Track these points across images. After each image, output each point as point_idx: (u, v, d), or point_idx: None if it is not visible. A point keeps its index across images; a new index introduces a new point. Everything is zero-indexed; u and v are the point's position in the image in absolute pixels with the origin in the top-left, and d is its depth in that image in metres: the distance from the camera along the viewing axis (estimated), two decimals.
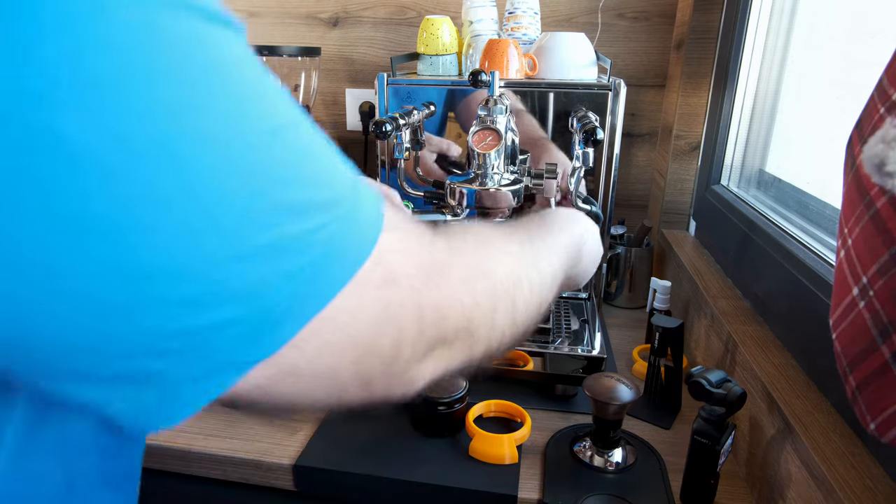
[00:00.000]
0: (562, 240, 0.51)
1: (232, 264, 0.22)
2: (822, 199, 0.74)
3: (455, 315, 0.32)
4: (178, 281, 0.21)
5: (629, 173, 1.25)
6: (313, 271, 0.24)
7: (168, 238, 0.21)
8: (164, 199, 0.20)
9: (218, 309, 0.22)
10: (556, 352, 0.79)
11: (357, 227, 0.27)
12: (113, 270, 0.20)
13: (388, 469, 0.65)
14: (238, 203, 0.22)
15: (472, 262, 0.34)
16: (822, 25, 0.82)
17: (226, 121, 0.22)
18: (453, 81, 0.95)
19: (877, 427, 0.35)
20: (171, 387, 0.23)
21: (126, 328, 0.21)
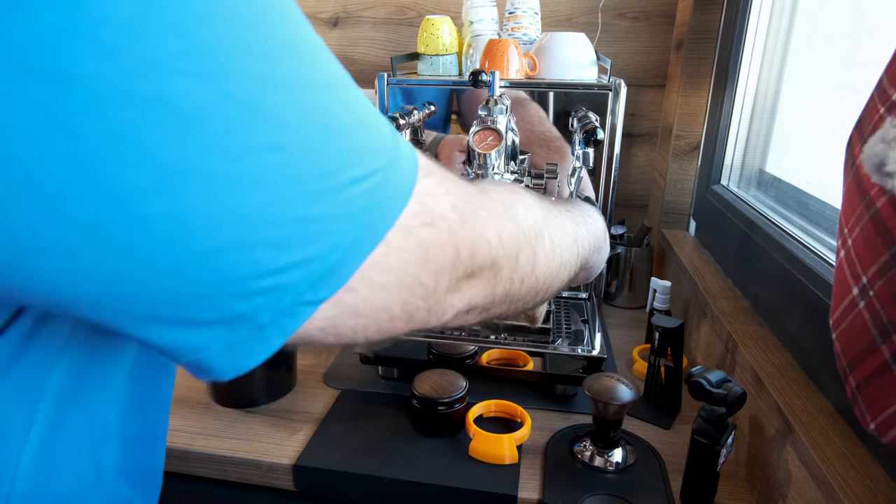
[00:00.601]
0: (587, 220, 0.54)
1: (305, 208, 0.24)
2: (822, 199, 0.74)
3: (483, 253, 0.34)
4: (261, 225, 0.23)
5: (629, 173, 1.25)
6: (368, 214, 0.27)
7: (251, 185, 0.23)
8: (245, 148, 0.22)
9: (295, 250, 0.25)
10: (556, 352, 0.79)
11: (400, 173, 0.29)
12: (206, 218, 0.22)
13: (388, 469, 0.65)
14: (311, 151, 0.25)
15: (500, 209, 0.37)
16: (822, 25, 0.82)
17: (298, 76, 0.24)
18: (453, 81, 0.95)
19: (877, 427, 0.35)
20: (259, 326, 0.25)
21: (221, 272, 0.23)
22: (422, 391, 0.70)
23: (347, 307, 0.28)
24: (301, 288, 0.26)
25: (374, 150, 0.28)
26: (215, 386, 0.77)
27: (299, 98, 0.24)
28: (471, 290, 0.35)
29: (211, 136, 0.21)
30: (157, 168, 0.21)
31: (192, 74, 0.21)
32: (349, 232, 0.26)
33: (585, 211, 0.56)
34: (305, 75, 0.25)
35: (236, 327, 0.25)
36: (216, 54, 0.21)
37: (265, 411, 0.76)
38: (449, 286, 0.33)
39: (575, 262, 0.48)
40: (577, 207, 0.55)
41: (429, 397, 0.70)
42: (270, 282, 0.25)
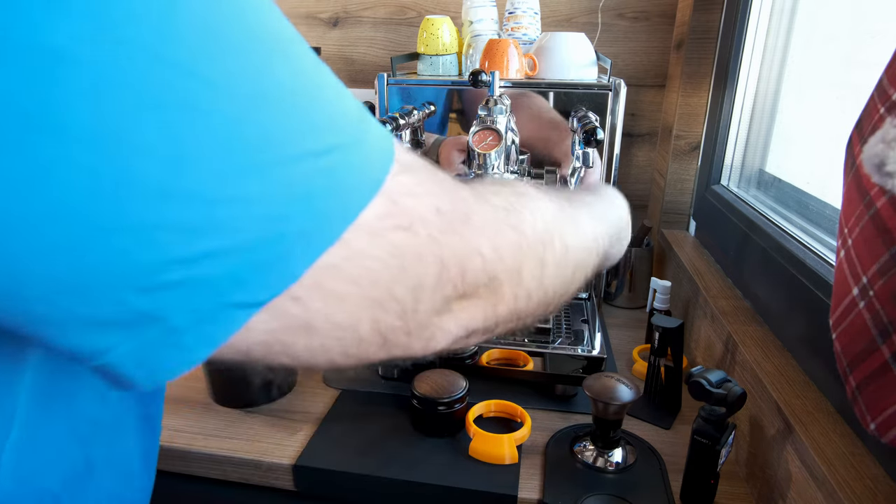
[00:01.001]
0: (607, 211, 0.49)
1: (226, 184, 0.20)
2: (822, 199, 0.74)
3: (475, 268, 0.30)
4: (164, 200, 0.19)
5: (629, 173, 1.25)
6: (318, 200, 0.22)
7: (151, 149, 0.19)
8: (147, 104, 0.19)
9: (212, 236, 0.20)
10: (556, 352, 0.79)
11: (365, 158, 0.25)
12: (94, 188, 0.18)
13: (388, 469, 0.65)
14: (238, 114, 0.20)
15: (498, 216, 0.32)
16: (822, 25, 0.82)
17: (228, 26, 0.21)
18: (453, 81, 0.95)
19: (877, 427, 0.35)
20: (171, 330, 0.21)
21: (115, 257, 0.19)
22: (422, 391, 0.70)
23: (295, 321, 0.24)
24: (223, 286, 0.21)
25: (331, 125, 0.24)
26: (215, 386, 0.77)
27: (225, 50, 0.20)
28: (466, 313, 0.31)
29: (100, 86, 0.18)
30: (31, 122, 0.17)
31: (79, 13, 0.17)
32: (291, 220, 0.22)
33: (609, 198, 0.52)
34: (237, 26, 0.21)
35: (142, 329, 0.21)
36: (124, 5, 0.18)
37: (265, 411, 0.76)
38: (436, 306, 0.28)
39: (593, 261, 0.43)
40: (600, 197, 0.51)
41: (429, 397, 0.70)
42: (180, 274, 0.20)
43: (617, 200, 0.54)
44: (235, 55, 0.21)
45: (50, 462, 0.31)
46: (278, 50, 0.23)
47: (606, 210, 0.49)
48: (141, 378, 0.22)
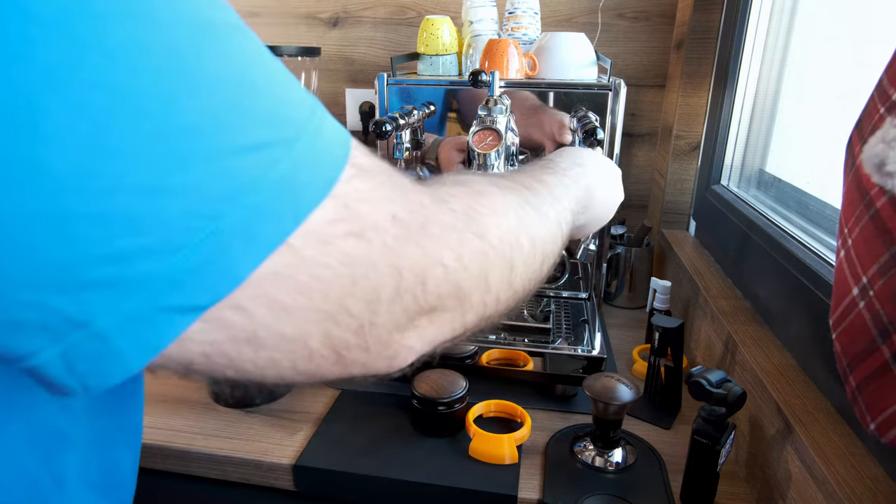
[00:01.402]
0: (568, 182, 0.47)
1: (151, 173, 0.19)
2: (822, 199, 0.74)
3: (437, 279, 0.28)
4: (81, 189, 0.18)
5: (629, 173, 1.25)
6: (258, 197, 0.21)
7: (64, 131, 0.17)
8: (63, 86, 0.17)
9: (139, 232, 0.19)
10: (556, 352, 0.79)
11: (315, 157, 0.23)
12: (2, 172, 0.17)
13: (388, 469, 0.65)
14: (165, 98, 0.19)
15: (460, 221, 0.31)
16: (822, 25, 0.82)
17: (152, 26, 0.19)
18: (453, 81, 0.95)
19: (877, 427, 0.35)
20: (98, 335, 0.20)
21: (27, 253, 0.18)
22: (422, 391, 0.70)
23: (240, 332, 0.22)
24: (156, 287, 0.20)
25: (273, 119, 0.22)
26: (215, 386, 0.77)
27: (148, 31, 0.19)
28: (433, 328, 0.30)
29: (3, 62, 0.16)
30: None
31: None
32: (224, 217, 0.20)
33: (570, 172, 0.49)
34: (164, 9, 0.20)
35: (66, 332, 0.19)
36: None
37: (265, 411, 0.76)
38: (396, 321, 0.27)
39: (560, 243, 0.42)
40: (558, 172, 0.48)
41: (429, 397, 0.70)
42: (105, 272, 0.19)
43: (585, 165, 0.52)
44: (160, 38, 0.19)
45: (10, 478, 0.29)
46: (212, 37, 0.21)
47: (569, 184, 0.47)
48: (73, 385, 0.21)
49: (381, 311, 0.26)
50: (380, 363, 0.28)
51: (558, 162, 0.51)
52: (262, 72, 0.23)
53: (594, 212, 0.53)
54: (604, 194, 0.54)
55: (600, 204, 0.54)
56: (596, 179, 0.53)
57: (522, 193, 0.39)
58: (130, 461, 0.40)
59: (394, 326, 0.27)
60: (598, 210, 0.54)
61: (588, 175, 0.52)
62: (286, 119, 0.23)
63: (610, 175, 0.57)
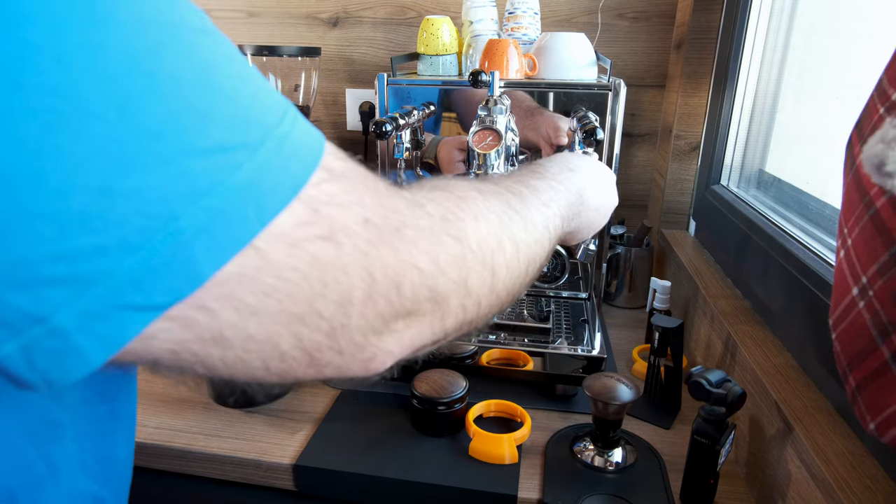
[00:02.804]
0: (558, 188, 0.47)
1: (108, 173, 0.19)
2: (822, 199, 0.74)
3: (412, 283, 0.28)
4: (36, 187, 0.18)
5: (629, 173, 1.25)
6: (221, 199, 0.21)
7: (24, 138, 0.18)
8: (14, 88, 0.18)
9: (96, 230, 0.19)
10: (556, 352, 0.79)
11: (281, 160, 0.23)
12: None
13: (388, 469, 0.65)
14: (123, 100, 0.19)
15: (435, 226, 0.30)
16: (822, 25, 0.82)
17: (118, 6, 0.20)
18: (453, 81, 0.95)
19: (877, 427, 0.35)
20: (57, 331, 0.20)
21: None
22: (422, 391, 0.70)
23: (206, 332, 0.23)
24: (114, 283, 0.20)
25: (235, 122, 0.22)
26: (215, 386, 0.77)
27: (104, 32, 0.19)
28: (411, 331, 0.30)
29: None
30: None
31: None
32: (184, 217, 0.21)
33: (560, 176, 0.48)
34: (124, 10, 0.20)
35: (25, 328, 0.20)
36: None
37: (265, 411, 0.76)
38: (371, 325, 0.27)
39: (547, 248, 0.42)
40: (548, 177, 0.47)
41: (429, 397, 0.70)
42: (62, 268, 0.19)
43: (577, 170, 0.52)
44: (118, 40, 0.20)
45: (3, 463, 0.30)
46: (174, 40, 0.22)
47: (559, 189, 0.47)
48: (34, 379, 0.21)
49: (353, 314, 0.26)
50: (355, 366, 0.28)
51: (548, 167, 0.50)
52: (228, 75, 0.23)
53: (586, 217, 0.52)
54: (596, 200, 0.54)
55: (593, 209, 0.53)
56: (588, 184, 0.52)
57: (506, 198, 0.39)
58: (126, 450, 0.40)
59: (368, 329, 0.27)
60: (591, 215, 0.53)
61: (579, 180, 0.51)
62: (250, 122, 0.23)
63: (603, 180, 0.56)
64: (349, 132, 1.34)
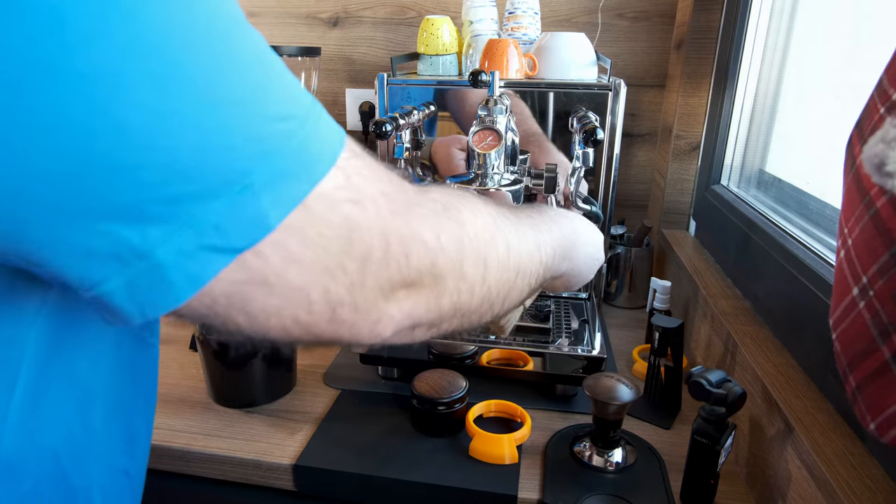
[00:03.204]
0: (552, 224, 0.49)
1: (202, 133, 0.23)
2: (822, 199, 0.74)
3: (418, 253, 0.31)
4: (149, 141, 0.22)
5: (629, 173, 1.25)
6: (283, 159, 0.25)
7: (132, 93, 0.22)
8: (126, 55, 0.21)
9: (191, 179, 0.23)
10: (556, 352, 0.79)
11: (320, 131, 0.28)
12: (82, 124, 0.21)
13: (388, 469, 0.65)
14: (210, 75, 0.24)
15: (438, 209, 0.34)
16: (822, 25, 0.82)
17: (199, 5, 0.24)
18: (453, 81, 0.95)
19: (877, 427, 0.35)
20: (157, 266, 0.24)
21: (103, 189, 0.22)
22: (422, 391, 0.70)
23: (256, 274, 0.26)
24: (203, 227, 0.24)
25: (288, 97, 0.27)
26: (215, 386, 0.77)
27: (194, 15, 0.23)
28: (410, 301, 0.33)
29: (82, 32, 0.20)
30: (23, 60, 0.20)
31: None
32: (259, 172, 0.25)
33: (553, 217, 0.52)
34: (206, 6, 0.24)
35: (131, 261, 0.23)
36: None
37: (265, 411, 0.76)
38: (381, 287, 0.30)
39: (537, 270, 0.45)
40: (542, 213, 0.51)
41: (429, 397, 0.70)
42: (164, 210, 0.23)
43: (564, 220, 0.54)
44: (204, 26, 0.24)
45: (51, 422, 0.33)
46: (240, 29, 0.26)
47: (550, 226, 0.49)
48: (132, 311, 0.25)
49: (370, 272, 0.30)
50: (365, 327, 0.31)
51: (545, 209, 0.53)
52: (276, 61, 0.27)
53: (576, 263, 0.54)
54: (587, 249, 0.56)
55: (583, 257, 0.55)
56: (580, 232, 0.55)
57: (501, 210, 0.42)
58: (145, 428, 0.43)
59: (379, 290, 0.31)
60: (581, 262, 0.55)
61: (572, 227, 0.54)
62: (298, 99, 0.27)
63: (594, 236, 0.58)
64: (349, 132, 1.34)
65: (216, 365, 0.75)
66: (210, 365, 0.76)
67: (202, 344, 0.75)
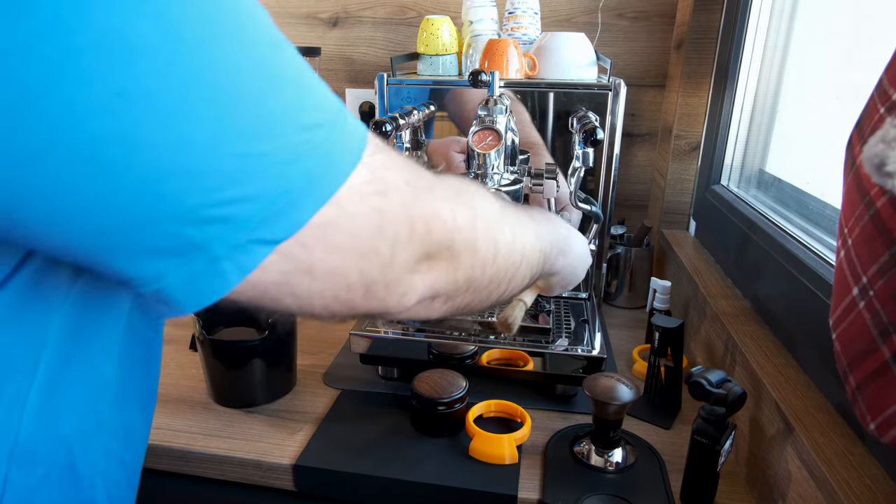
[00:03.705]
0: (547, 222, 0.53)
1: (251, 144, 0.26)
2: (822, 199, 0.74)
3: (439, 230, 0.36)
4: (210, 154, 0.25)
5: (629, 173, 1.25)
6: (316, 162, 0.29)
7: (198, 114, 0.25)
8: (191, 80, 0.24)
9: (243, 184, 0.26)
10: (556, 352, 0.79)
11: (347, 134, 0.31)
12: (154, 142, 0.24)
13: (388, 469, 0.65)
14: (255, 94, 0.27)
15: (453, 193, 0.38)
16: (822, 25, 0.82)
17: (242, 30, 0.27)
18: (453, 81, 0.95)
19: (877, 427, 0.35)
20: (213, 259, 0.27)
21: (171, 197, 0.25)
22: (422, 391, 0.70)
23: (302, 263, 0.30)
24: (252, 223, 0.27)
25: (318, 106, 0.30)
26: (215, 386, 0.77)
27: (242, 47, 0.26)
28: (432, 274, 0.37)
29: (157, 66, 0.23)
30: (105, 88, 0.22)
31: (142, 14, 0.23)
32: (297, 176, 0.28)
33: (546, 217, 0.56)
34: (249, 30, 0.27)
35: (191, 257, 0.27)
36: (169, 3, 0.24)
37: (265, 411, 0.76)
38: (407, 263, 0.34)
39: (537, 259, 0.49)
40: (537, 211, 0.55)
41: (429, 397, 0.70)
42: (221, 211, 0.26)
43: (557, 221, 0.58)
44: (252, 54, 0.27)
45: (66, 410, 0.35)
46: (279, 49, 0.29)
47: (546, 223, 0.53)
48: (188, 301, 0.28)
49: (398, 252, 0.33)
50: (393, 300, 0.35)
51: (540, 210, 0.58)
52: (308, 72, 0.30)
53: (570, 261, 0.59)
54: (578, 249, 0.60)
55: (576, 258, 0.60)
56: (572, 234, 0.59)
57: (504, 203, 0.46)
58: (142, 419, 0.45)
59: (406, 267, 0.34)
60: (573, 262, 0.60)
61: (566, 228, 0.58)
62: (328, 107, 0.31)
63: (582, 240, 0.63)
64: None
65: (216, 365, 0.75)
66: (210, 365, 0.76)
67: (202, 344, 0.75)
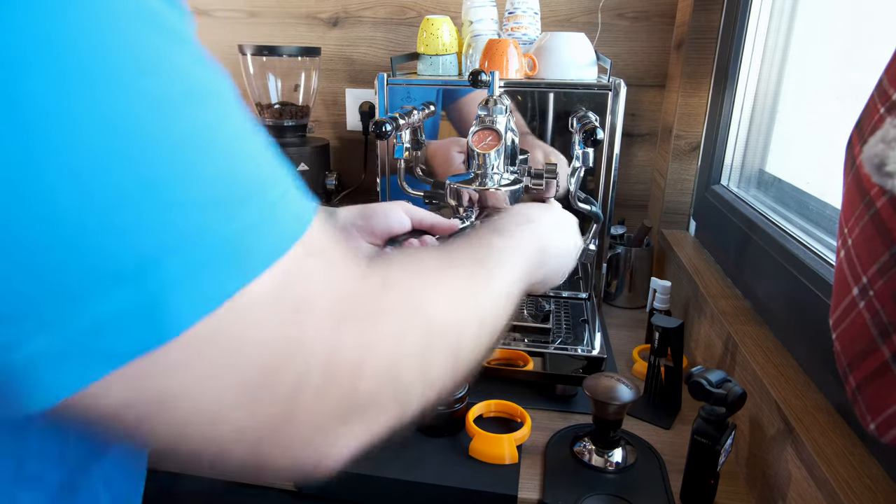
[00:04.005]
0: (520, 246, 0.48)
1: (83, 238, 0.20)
2: (822, 199, 0.74)
3: (375, 369, 0.27)
4: (31, 238, 0.19)
5: (629, 173, 1.25)
6: (182, 257, 0.21)
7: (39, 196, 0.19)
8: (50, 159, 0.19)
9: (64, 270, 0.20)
10: (556, 352, 0.79)
11: (248, 229, 0.23)
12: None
13: (388, 469, 0.65)
14: (116, 180, 0.20)
15: (405, 307, 0.30)
16: (822, 25, 0.82)
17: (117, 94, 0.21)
18: (453, 81, 0.95)
19: (877, 427, 0.35)
20: (28, 361, 0.20)
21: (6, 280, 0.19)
22: None
23: (154, 391, 0.22)
24: (80, 325, 0.20)
25: (230, 182, 0.23)
26: None
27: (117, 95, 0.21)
28: (369, 428, 0.29)
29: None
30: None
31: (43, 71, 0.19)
32: (163, 266, 0.21)
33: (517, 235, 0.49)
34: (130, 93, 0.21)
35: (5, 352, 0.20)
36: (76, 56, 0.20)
37: None
38: (317, 420, 0.26)
39: (507, 315, 0.42)
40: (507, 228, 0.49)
41: None
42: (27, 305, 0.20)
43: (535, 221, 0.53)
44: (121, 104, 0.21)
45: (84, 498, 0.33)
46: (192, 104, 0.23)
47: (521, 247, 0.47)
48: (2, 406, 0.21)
49: (302, 405, 0.25)
50: (305, 461, 0.27)
51: (507, 223, 0.51)
52: (228, 135, 0.24)
53: (550, 266, 0.54)
54: (558, 248, 0.55)
55: (555, 258, 0.55)
56: (548, 235, 0.54)
57: (472, 270, 0.39)
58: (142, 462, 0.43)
59: (316, 425, 0.26)
60: (554, 264, 0.55)
61: (539, 232, 0.52)
62: (239, 182, 0.23)
63: (563, 226, 0.58)
64: (349, 132, 1.34)
65: None
66: None
67: None
